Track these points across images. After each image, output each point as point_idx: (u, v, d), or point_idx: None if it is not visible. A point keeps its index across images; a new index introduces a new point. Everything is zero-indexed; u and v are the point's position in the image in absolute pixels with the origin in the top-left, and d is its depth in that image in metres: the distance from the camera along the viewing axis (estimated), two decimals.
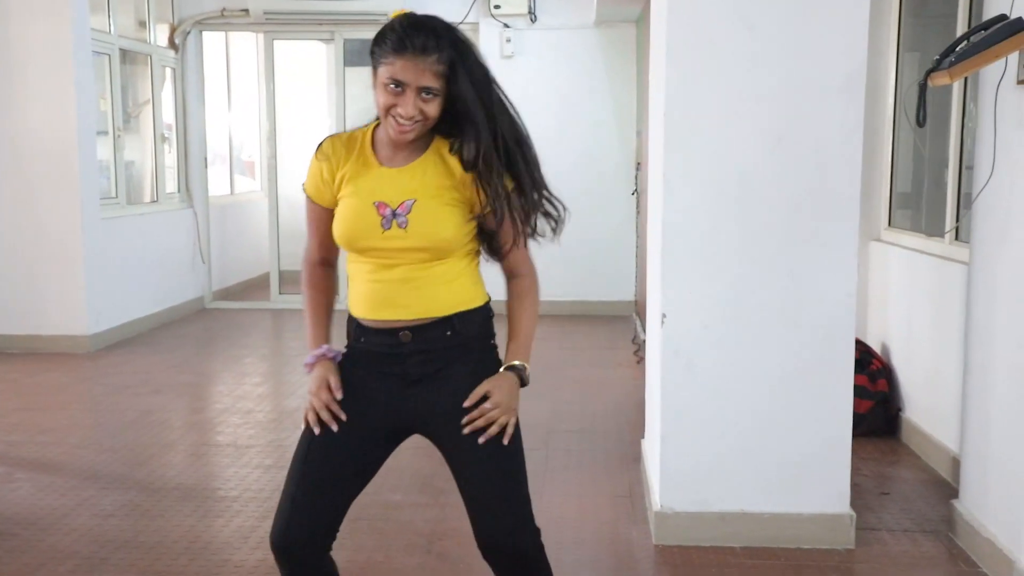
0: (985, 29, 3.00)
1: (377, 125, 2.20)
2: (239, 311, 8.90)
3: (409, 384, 2.19)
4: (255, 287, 10.13)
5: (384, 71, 2.09)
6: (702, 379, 3.48)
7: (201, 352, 7.18)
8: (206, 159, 9.11)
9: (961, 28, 4.19)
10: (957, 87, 4.26)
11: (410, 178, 2.16)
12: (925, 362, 4.51)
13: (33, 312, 6.89)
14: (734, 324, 3.45)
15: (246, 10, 8.57)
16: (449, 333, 2.19)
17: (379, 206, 2.14)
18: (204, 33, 9.00)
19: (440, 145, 2.19)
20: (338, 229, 2.19)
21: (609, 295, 8.66)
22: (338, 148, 2.22)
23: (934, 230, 4.59)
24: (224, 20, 8.76)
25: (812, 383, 3.45)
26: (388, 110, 2.09)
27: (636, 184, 7.90)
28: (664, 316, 3.47)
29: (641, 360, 6.63)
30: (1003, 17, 2.97)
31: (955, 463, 4.10)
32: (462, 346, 2.21)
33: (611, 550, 3.52)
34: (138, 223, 7.88)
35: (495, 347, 2.29)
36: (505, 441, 2.15)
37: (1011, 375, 3.15)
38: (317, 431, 2.16)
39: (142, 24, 8.29)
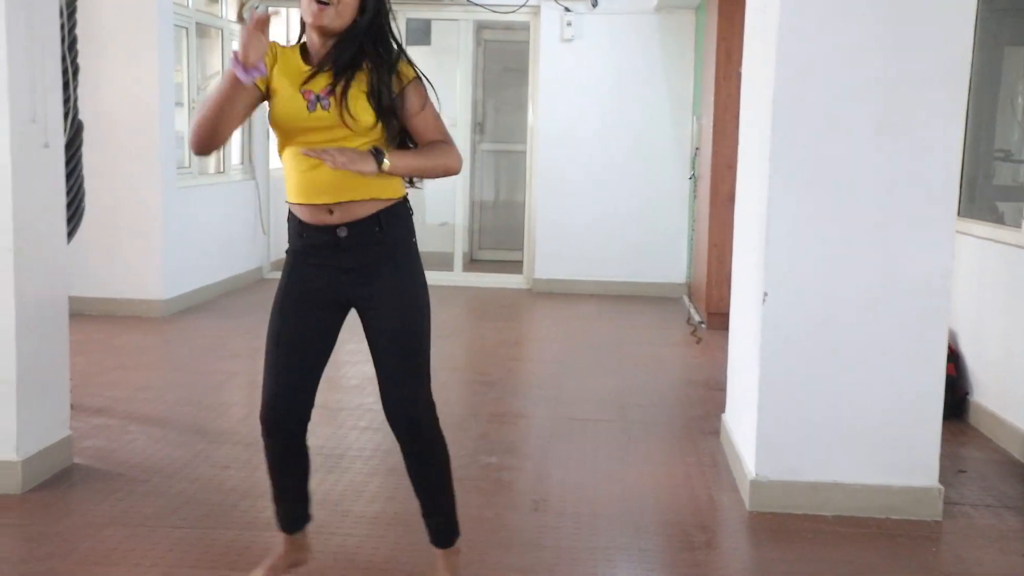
0: None
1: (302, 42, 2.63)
2: None
3: (344, 272, 2.65)
4: None
5: None
6: (799, 354, 3.65)
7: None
8: (268, 132, 9.28)
9: None
10: None
11: (331, 73, 2.55)
12: (996, 347, 4.66)
13: (111, 276, 7.10)
14: (832, 302, 3.62)
15: None
16: (378, 229, 2.63)
17: (305, 93, 2.55)
18: (269, 8, 9.17)
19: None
20: (273, 116, 2.57)
21: (660, 277, 8.82)
22: (276, 46, 2.62)
23: (1005, 219, 4.73)
24: None
25: (905, 360, 3.61)
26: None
27: (694, 169, 8.05)
28: (766, 294, 3.64)
29: (700, 340, 6.82)
30: None
31: None
32: (388, 246, 2.65)
33: (707, 515, 3.69)
34: (208, 193, 8.09)
35: (415, 244, 2.74)
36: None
37: None
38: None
39: None
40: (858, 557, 3.35)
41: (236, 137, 8.89)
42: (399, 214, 2.68)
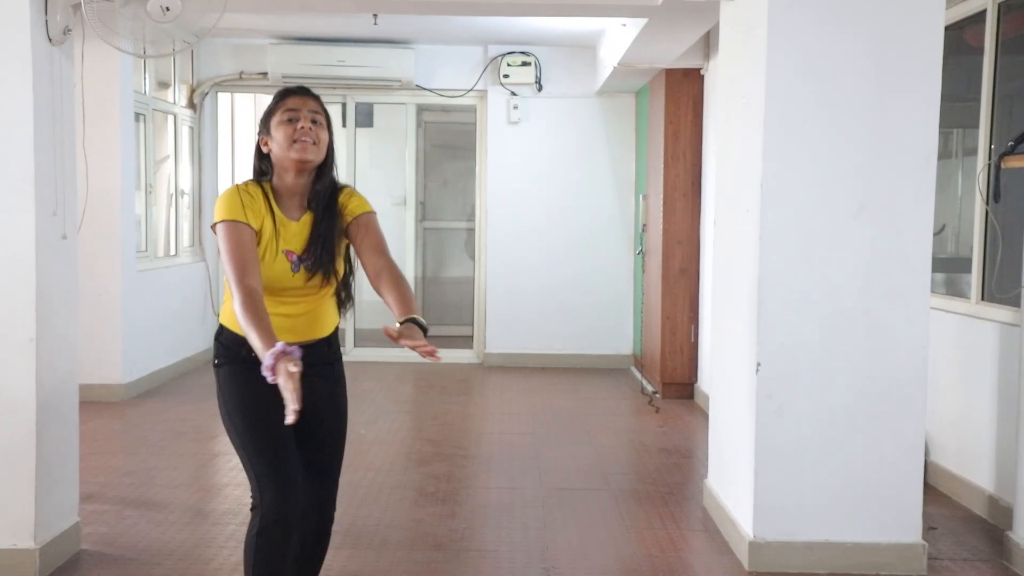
0: None
1: (263, 181, 2.79)
2: None
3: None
4: None
5: (279, 114, 2.75)
6: (791, 421, 3.91)
7: None
8: None
9: (985, 110, 4.79)
10: (981, 165, 4.84)
11: (304, 227, 2.77)
12: (953, 411, 5.01)
13: None
14: (821, 371, 3.90)
15: (264, 73, 8.92)
16: (327, 348, 2.91)
17: (287, 254, 2.75)
18: (219, 94, 9.32)
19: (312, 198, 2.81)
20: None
21: (608, 349, 9.09)
22: (254, 195, 2.73)
23: (949, 289, 5.13)
24: (242, 82, 9.10)
25: (889, 425, 3.90)
26: (291, 138, 2.71)
27: (641, 245, 8.39)
28: (759, 364, 3.90)
29: (658, 409, 7.08)
30: None
31: (991, 500, 4.59)
32: (332, 356, 2.93)
33: None
34: (162, 276, 8.10)
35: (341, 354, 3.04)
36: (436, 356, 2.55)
37: None
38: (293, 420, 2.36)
39: (162, 84, 8.58)
40: None
41: (186, 218, 8.94)
42: (336, 331, 2.99)
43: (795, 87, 3.86)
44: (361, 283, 8.97)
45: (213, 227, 2.71)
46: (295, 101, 2.76)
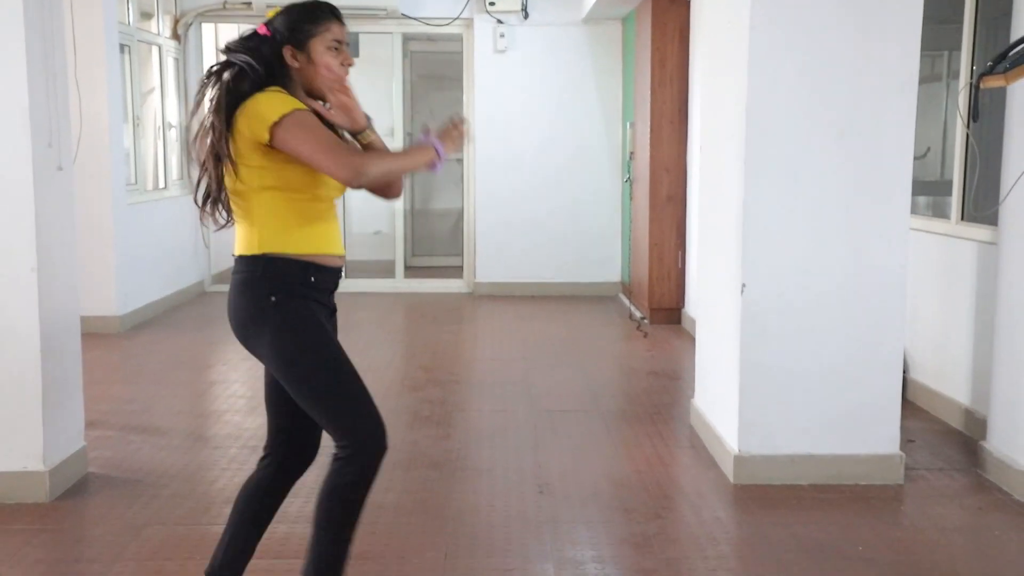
0: None
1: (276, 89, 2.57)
2: None
3: (331, 313, 2.71)
4: None
5: (323, 37, 2.59)
6: (775, 340, 4.04)
7: (230, 332, 7.45)
8: None
9: (967, 33, 4.84)
10: (963, 87, 4.91)
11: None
12: (932, 329, 5.14)
13: None
14: (804, 291, 4.01)
15: (248, 3, 8.85)
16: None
17: None
18: (203, 25, 9.26)
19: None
20: (312, 176, 2.55)
21: (597, 277, 9.21)
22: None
23: (938, 212, 5.23)
24: (226, 12, 9.03)
25: (869, 341, 4.03)
26: (335, 71, 2.58)
27: (629, 173, 8.45)
28: (744, 285, 4.01)
29: (646, 334, 7.21)
30: None
31: (967, 413, 4.75)
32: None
33: (694, 490, 4.05)
34: (152, 209, 8.14)
35: None
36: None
37: None
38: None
39: (146, 15, 8.51)
40: (836, 518, 3.74)
41: (173, 152, 8.95)
42: None
43: (778, 12, 3.90)
44: (352, 216, 8.98)
45: (272, 128, 2.43)
46: (340, 31, 2.63)
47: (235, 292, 2.61)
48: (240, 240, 2.61)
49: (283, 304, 2.54)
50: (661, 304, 7.62)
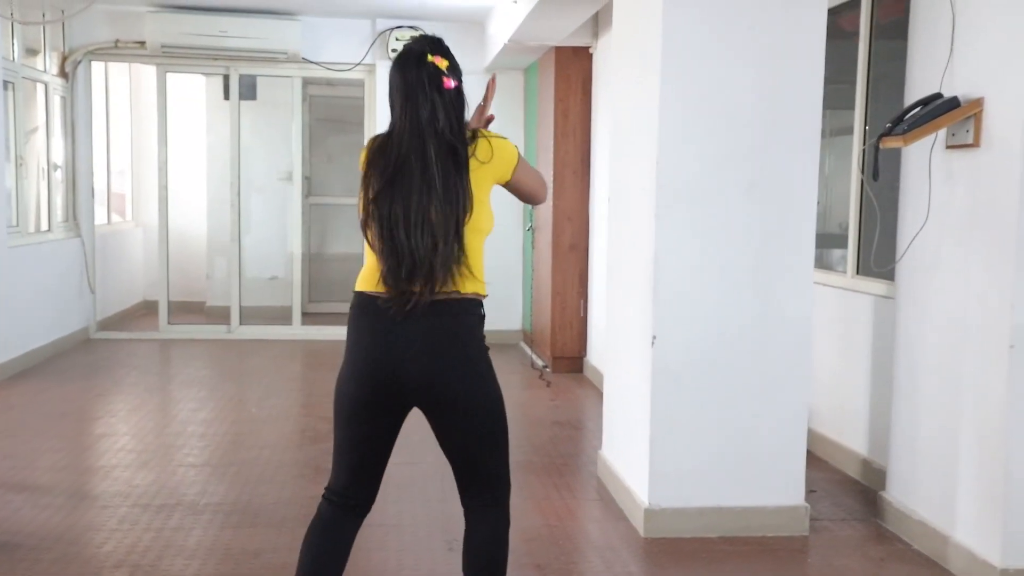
0: (924, 104, 3.73)
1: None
2: (127, 341, 8.85)
3: None
4: (130, 317, 10.09)
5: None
6: (685, 391, 4.05)
7: (119, 381, 7.15)
8: (93, 189, 9.04)
9: (860, 92, 5.02)
10: (856, 146, 5.07)
11: None
12: (829, 379, 5.25)
13: None
14: (713, 343, 4.04)
15: (142, 42, 8.63)
16: None
17: None
18: (93, 63, 8.97)
19: None
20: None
21: (498, 325, 9.16)
22: None
23: (827, 265, 5.37)
24: (118, 50, 8.77)
25: (775, 393, 4.08)
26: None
27: (531, 221, 8.48)
28: (655, 337, 4.02)
29: (549, 384, 7.19)
30: (939, 95, 3.71)
31: (865, 463, 4.85)
32: None
33: (606, 544, 4.00)
34: (35, 252, 7.78)
35: None
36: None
37: (938, 382, 3.87)
38: None
39: (31, 51, 8.20)
40: (743, 571, 3.75)
41: (59, 192, 8.60)
42: None
43: (688, 70, 3.96)
44: (247, 262, 8.76)
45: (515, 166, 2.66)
46: None
47: (453, 333, 2.51)
48: (456, 280, 2.51)
49: (487, 350, 2.61)
50: (563, 352, 7.63)
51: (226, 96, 9.33)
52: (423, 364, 2.47)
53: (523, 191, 2.75)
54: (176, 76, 9.61)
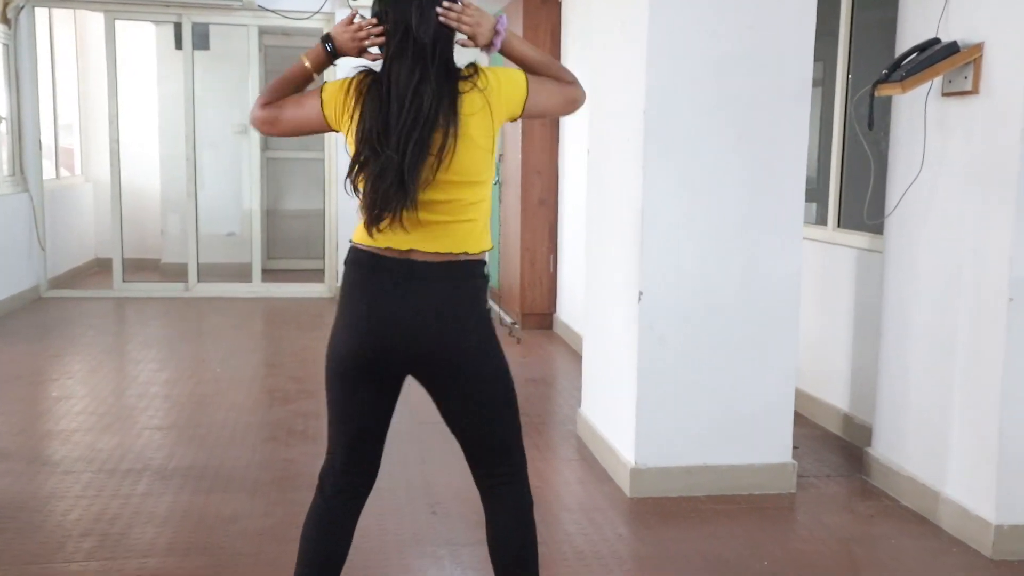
0: (921, 50, 3.62)
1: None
2: (80, 299, 8.56)
3: None
4: (82, 275, 9.78)
5: None
6: (672, 350, 3.94)
7: (74, 341, 6.89)
8: (40, 142, 8.68)
9: (843, 42, 4.90)
10: (839, 97, 4.97)
11: None
12: (810, 335, 5.18)
13: None
14: (700, 300, 3.93)
15: None
16: None
17: None
18: (36, 9, 8.57)
19: None
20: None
21: None
22: None
23: (819, 220, 5.28)
24: None
25: (763, 350, 3.99)
26: None
27: (498, 175, 8.30)
28: (641, 294, 3.90)
29: (519, 340, 7.07)
30: (936, 40, 3.60)
31: (846, 419, 4.80)
32: None
33: (592, 505, 3.90)
34: None
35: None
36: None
37: (928, 338, 3.80)
38: None
39: None
40: (737, 531, 3.67)
41: (4, 145, 8.24)
42: None
43: (676, 13, 3.81)
44: (203, 216, 8.47)
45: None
46: None
47: (455, 296, 2.30)
48: (453, 238, 2.30)
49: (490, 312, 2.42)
50: (533, 309, 7.50)
51: (178, 46, 8.99)
52: (430, 326, 2.29)
53: (550, 105, 2.41)
54: (125, 24, 9.25)
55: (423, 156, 2.21)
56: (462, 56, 2.30)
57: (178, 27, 8.88)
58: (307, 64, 2.43)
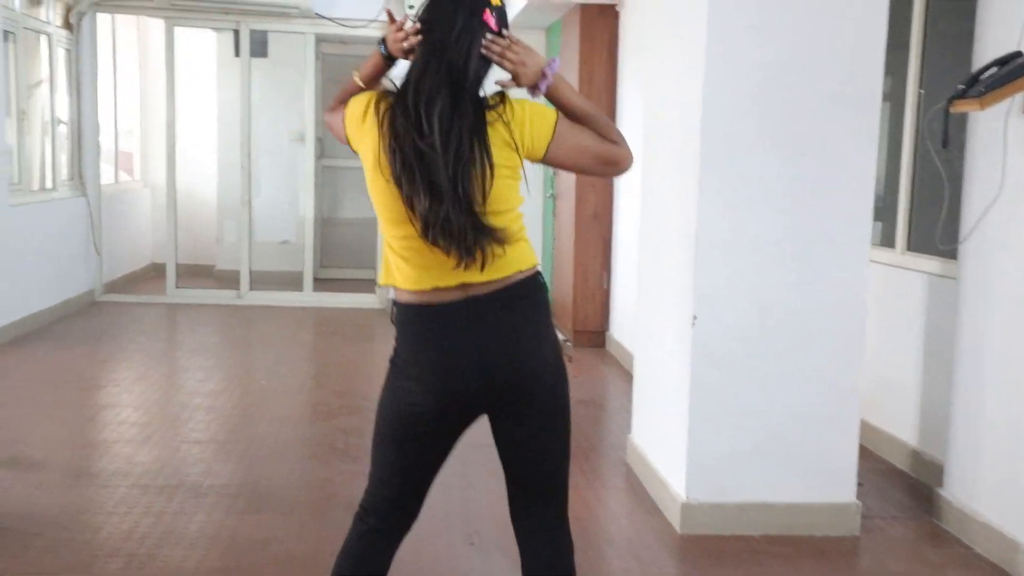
0: (1001, 64, 3.38)
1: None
2: (134, 304, 8.56)
3: None
4: (137, 280, 9.81)
5: None
6: (727, 377, 3.73)
7: (123, 347, 6.87)
8: (99, 146, 8.72)
9: (915, 54, 4.65)
10: (910, 111, 4.71)
11: None
12: (875, 363, 4.91)
13: None
14: (758, 325, 3.71)
15: None
16: None
17: None
18: (99, 14, 8.61)
19: None
20: None
21: None
22: None
23: (885, 241, 5.02)
24: (123, 2, 8.41)
25: (825, 380, 3.76)
26: None
27: (552, 188, 8.13)
28: (695, 318, 3.69)
29: (571, 359, 6.88)
30: (1018, 54, 3.35)
31: (915, 455, 4.53)
32: None
33: (639, 541, 3.70)
34: (38, 211, 7.48)
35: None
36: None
37: (1006, 371, 3.54)
38: None
39: (35, 1, 7.85)
40: (791, 574, 3.44)
41: (63, 149, 8.27)
42: None
43: (734, 20, 3.61)
44: (257, 224, 8.47)
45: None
46: None
47: (522, 318, 2.16)
48: (501, 261, 2.14)
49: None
50: (585, 326, 7.31)
51: (236, 53, 8.98)
52: (503, 358, 2.13)
53: (580, 158, 2.24)
54: (185, 31, 9.27)
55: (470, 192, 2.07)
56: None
57: (236, 34, 8.87)
58: (356, 79, 2.29)
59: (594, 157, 2.23)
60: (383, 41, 2.24)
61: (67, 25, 8.23)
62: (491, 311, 2.13)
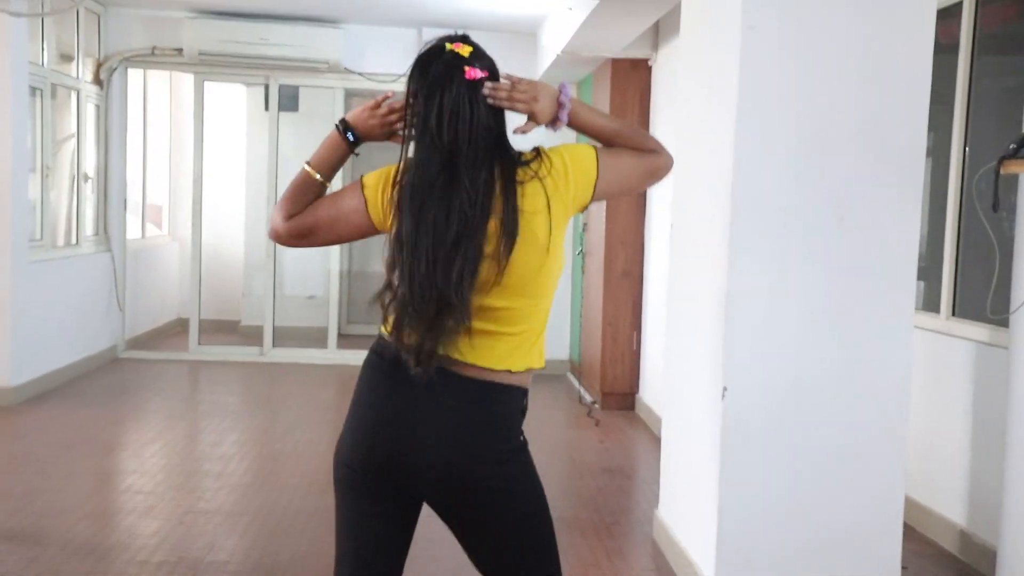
0: None
1: None
2: (155, 361, 8.44)
3: None
4: (163, 335, 9.70)
5: None
6: (760, 452, 3.48)
7: (139, 407, 6.73)
8: (126, 200, 8.68)
9: (960, 110, 4.43)
10: (955, 169, 4.48)
11: None
12: (919, 436, 4.63)
13: None
14: (793, 398, 3.47)
15: (179, 49, 8.26)
16: None
17: None
18: (130, 70, 8.61)
19: None
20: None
21: (545, 354, 8.61)
22: None
23: (928, 306, 4.76)
24: (155, 58, 8.41)
25: (866, 455, 3.50)
26: None
27: (582, 245, 7.94)
28: (725, 389, 3.46)
29: (598, 423, 6.64)
30: None
31: (963, 536, 4.23)
32: None
33: None
34: (61, 267, 7.40)
35: None
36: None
37: None
38: None
39: (65, 57, 7.86)
40: None
41: (90, 204, 8.23)
42: None
43: (769, 76, 3.42)
44: (284, 279, 8.33)
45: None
46: None
47: (485, 423, 1.97)
48: (495, 350, 1.97)
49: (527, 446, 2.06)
50: (614, 388, 7.06)
51: (266, 107, 8.94)
52: (452, 451, 1.93)
53: (628, 183, 2.06)
54: (216, 85, 9.26)
55: (472, 267, 1.88)
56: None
57: (266, 88, 8.84)
58: (309, 169, 2.06)
59: (639, 177, 2.07)
60: (345, 122, 2.03)
61: (97, 81, 8.23)
62: (459, 399, 1.93)
